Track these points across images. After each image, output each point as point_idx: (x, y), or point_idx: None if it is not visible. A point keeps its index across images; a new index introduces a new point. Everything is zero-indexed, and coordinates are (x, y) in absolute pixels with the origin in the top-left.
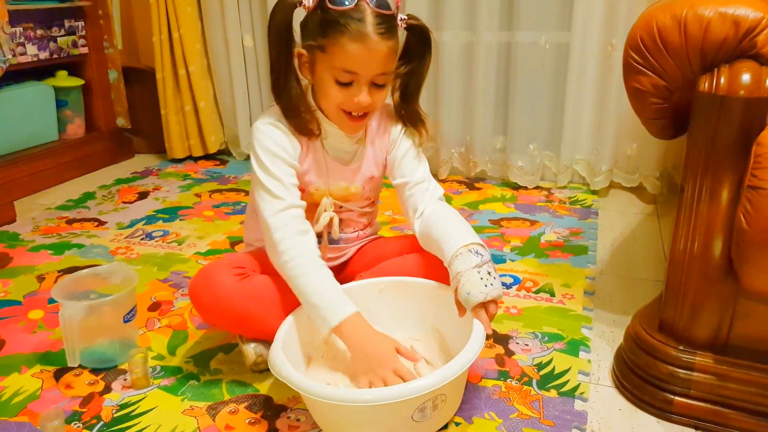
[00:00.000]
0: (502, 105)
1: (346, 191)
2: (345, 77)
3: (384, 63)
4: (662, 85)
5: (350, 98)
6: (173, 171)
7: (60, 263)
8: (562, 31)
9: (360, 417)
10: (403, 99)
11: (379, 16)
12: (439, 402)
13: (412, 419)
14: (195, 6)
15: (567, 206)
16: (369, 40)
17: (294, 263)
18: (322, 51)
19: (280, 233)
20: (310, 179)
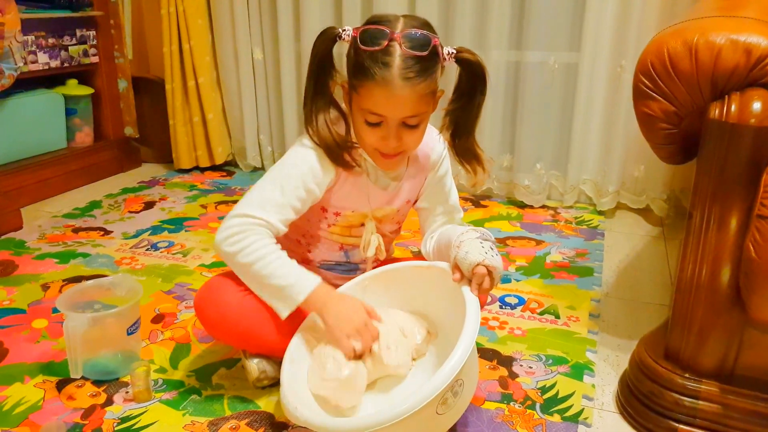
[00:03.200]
0: (509, 124)
1: (383, 213)
2: (373, 119)
3: (413, 107)
4: (672, 111)
5: (379, 139)
6: (180, 181)
7: (65, 272)
8: (571, 51)
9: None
10: (455, 135)
11: (411, 58)
12: (458, 388)
13: (437, 414)
14: (206, 18)
15: (573, 226)
16: (393, 86)
17: (249, 250)
18: (354, 91)
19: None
20: (348, 204)
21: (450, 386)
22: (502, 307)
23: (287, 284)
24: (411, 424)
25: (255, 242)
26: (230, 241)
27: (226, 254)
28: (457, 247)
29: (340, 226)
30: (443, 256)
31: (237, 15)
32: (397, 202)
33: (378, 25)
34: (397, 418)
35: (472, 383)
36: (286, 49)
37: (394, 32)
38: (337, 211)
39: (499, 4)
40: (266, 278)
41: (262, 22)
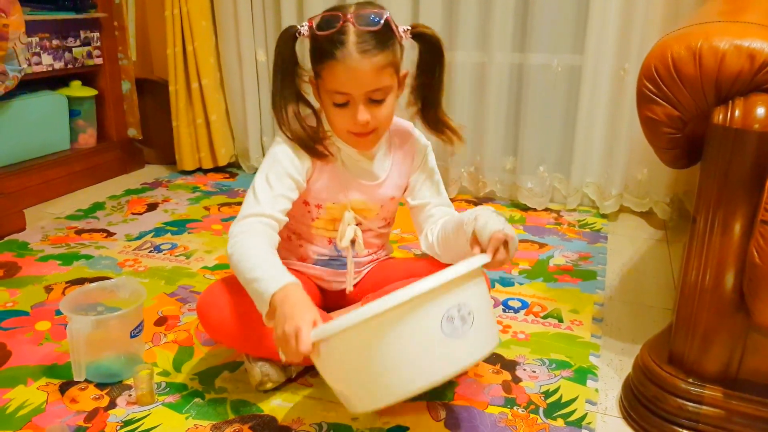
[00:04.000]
0: (512, 126)
1: (364, 206)
2: (339, 98)
3: (373, 79)
4: (676, 116)
5: (349, 118)
6: (183, 183)
7: (68, 274)
8: (574, 54)
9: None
10: (424, 109)
11: (364, 33)
12: (465, 314)
13: (443, 332)
14: (209, 20)
15: (576, 229)
16: (351, 59)
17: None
18: (319, 77)
19: (236, 230)
20: (327, 195)
21: (455, 304)
22: (505, 310)
23: (260, 277)
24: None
25: (247, 240)
26: (230, 244)
27: (228, 256)
28: (473, 221)
29: (324, 220)
30: (450, 243)
31: (240, 17)
32: (378, 198)
33: (329, 12)
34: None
35: (486, 323)
36: None
37: (346, 15)
38: (318, 203)
39: (503, 6)
40: (249, 270)
41: (265, 23)
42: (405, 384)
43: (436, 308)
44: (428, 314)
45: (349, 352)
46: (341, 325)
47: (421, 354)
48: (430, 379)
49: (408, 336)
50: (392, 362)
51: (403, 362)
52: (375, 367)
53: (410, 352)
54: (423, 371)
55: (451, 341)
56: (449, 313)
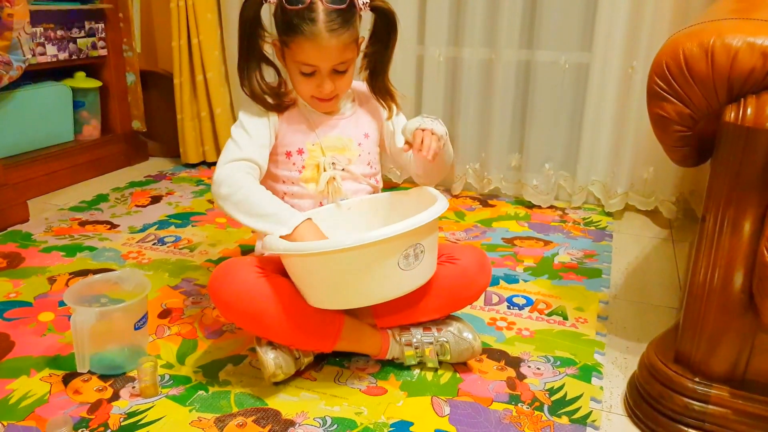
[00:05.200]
0: (518, 123)
1: (339, 141)
2: (307, 69)
3: (339, 54)
4: (687, 113)
5: (315, 87)
6: (187, 176)
7: (71, 265)
8: (582, 51)
9: (353, 265)
10: (372, 76)
11: (333, 12)
12: (419, 252)
13: (399, 267)
14: (215, 13)
15: (581, 227)
16: (321, 37)
17: (241, 190)
18: (286, 46)
19: (227, 174)
20: (302, 136)
21: (413, 244)
22: (509, 307)
23: (279, 212)
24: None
25: (244, 178)
26: (225, 184)
27: (222, 197)
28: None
29: (310, 168)
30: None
31: None
32: (352, 132)
33: None
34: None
35: (431, 261)
36: None
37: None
38: (298, 147)
39: (510, 3)
40: (262, 206)
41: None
42: (358, 299)
43: (397, 249)
44: (390, 253)
45: (318, 268)
46: (322, 247)
47: (378, 282)
48: (375, 299)
49: (369, 267)
50: (354, 284)
51: (363, 285)
52: (340, 285)
53: (370, 279)
54: (372, 293)
55: (403, 272)
56: (407, 251)
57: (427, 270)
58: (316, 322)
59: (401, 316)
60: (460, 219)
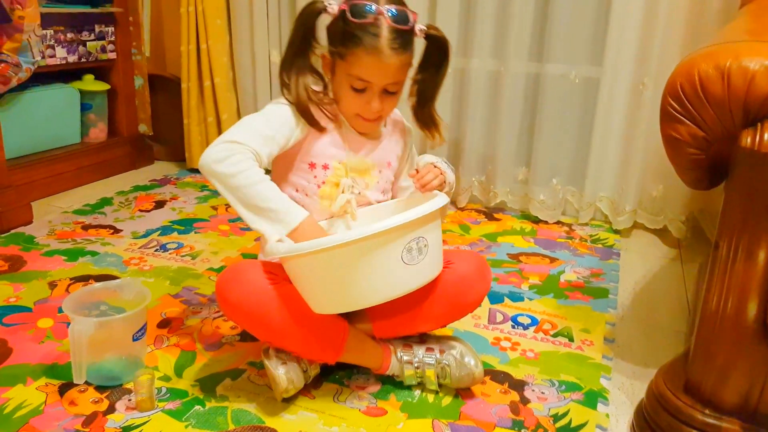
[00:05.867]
0: (526, 136)
1: (363, 164)
2: (359, 84)
3: (396, 74)
4: (701, 136)
5: (363, 104)
6: (191, 181)
7: (73, 270)
8: (592, 65)
9: (356, 261)
10: (419, 103)
11: (395, 31)
12: (422, 246)
13: (403, 261)
14: (225, 19)
15: (588, 244)
16: (383, 54)
17: (247, 173)
18: (341, 58)
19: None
20: (333, 152)
21: (415, 236)
22: (514, 326)
23: (283, 209)
24: (378, 253)
25: (251, 167)
26: (229, 161)
27: (222, 174)
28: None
29: (330, 184)
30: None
31: (256, 17)
32: (377, 157)
33: (364, 0)
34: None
35: (436, 257)
36: None
37: (380, 7)
38: (325, 163)
39: (520, 14)
40: (265, 201)
41: (280, 24)
42: (363, 299)
43: (399, 241)
44: (393, 246)
45: (320, 268)
46: (317, 245)
47: (382, 277)
48: (382, 297)
49: (372, 263)
50: (358, 282)
51: (367, 283)
52: (343, 284)
53: (374, 275)
54: (380, 291)
55: (408, 267)
56: (409, 245)
57: (433, 265)
58: (322, 330)
59: (399, 322)
60: (464, 232)
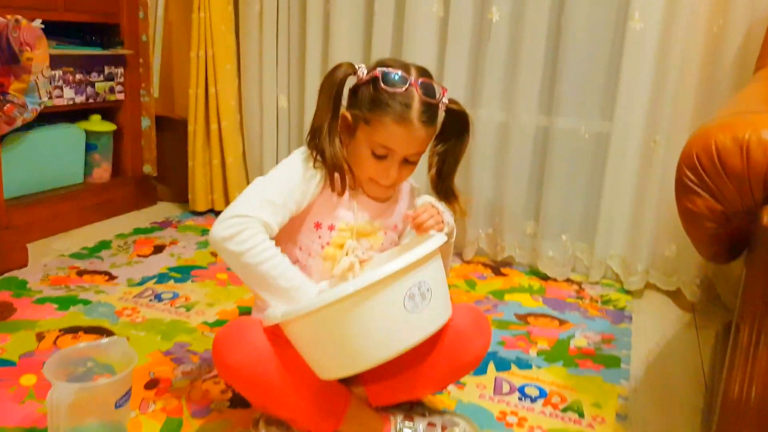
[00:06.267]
0: (535, 190)
1: (370, 226)
2: (381, 151)
3: (420, 145)
4: (719, 210)
5: (382, 170)
6: (193, 224)
7: (62, 320)
8: (603, 120)
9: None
10: (438, 176)
11: (425, 104)
12: (425, 290)
13: (405, 309)
14: (234, 63)
15: (599, 306)
16: (412, 125)
17: (255, 251)
18: (366, 123)
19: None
20: (338, 215)
21: (416, 281)
22: (521, 399)
23: (293, 286)
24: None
25: (262, 242)
26: (237, 240)
27: (230, 253)
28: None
29: (334, 245)
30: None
31: (265, 61)
32: (385, 220)
33: (397, 69)
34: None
35: (442, 301)
36: (311, 98)
37: (412, 78)
38: (332, 224)
39: (530, 66)
40: (274, 279)
41: (289, 70)
42: (370, 357)
43: (399, 288)
44: (393, 294)
45: (320, 329)
46: (314, 305)
47: (386, 330)
48: (391, 351)
49: (374, 315)
50: (362, 339)
51: (371, 338)
52: (347, 343)
53: (376, 329)
54: (386, 345)
55: (412, 316)
56: (411, 291)
57: (440, 310)
58: (323, 398)
59: (394, 386)
60: (470, 288)
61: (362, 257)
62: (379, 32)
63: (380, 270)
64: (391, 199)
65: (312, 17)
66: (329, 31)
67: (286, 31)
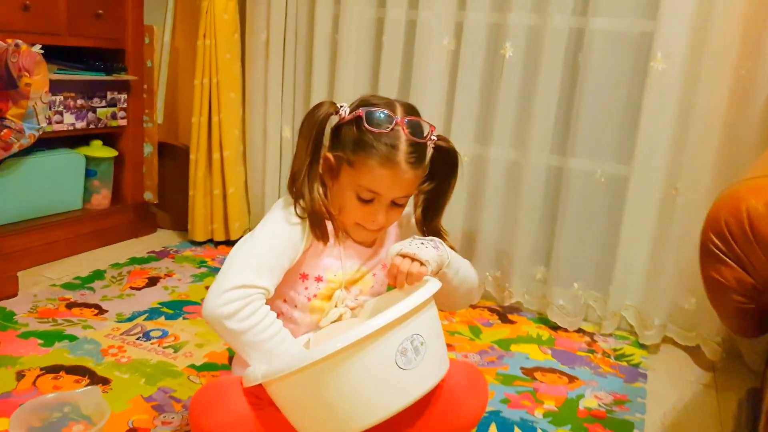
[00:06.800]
0: (546, 233)
1: (358, 273)
2: (367, 195)
3: (408, 187)
4: (748, 282)
5: (367, 214)
6: (191, 254)
7: (46, 358)
8: (620, 163)
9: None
10: (425, 216)
11: (413, 144)
12: (418, 344)
13: (398, 366)
14: (239, 92)
15: (611, 361)
16: (398, 167)
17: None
18: (350, 165)
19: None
20: (327, 262)
21: (408, 334)
22: None
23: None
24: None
25: (265, 318)
26: (239, 316)
27: (231, 331)
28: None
29: (321, 297)
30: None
31: (270, 91)
32: (372, 262)
33: (382, 108)
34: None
35: (438, 355)
36: None
37: (397, 117)
38: (319, 275)
39: (544, 104)
40: (274, 357)
41: (295, 100)
42: (359, 419)
43: (389, 343)
44: (382, 350)
45: (305, 389)
46: (298, 363)
47: (377, 389)
48: (386, 411)
49: (363, 374)
50: (352, 400)
51: (360, 399)
52: (336, 405)
53: (366, 389)
54: (377, 406)
55: (406, 373)
56: (403, 346)
57: (436, 364)
58: None
59: None
60: (475, 336)
61: (352, 305)
62: (387, 64)
63: (369, 323)
64: (379, 240)
65: (319, 47)
66: (336, 61)
67: (292, 61)
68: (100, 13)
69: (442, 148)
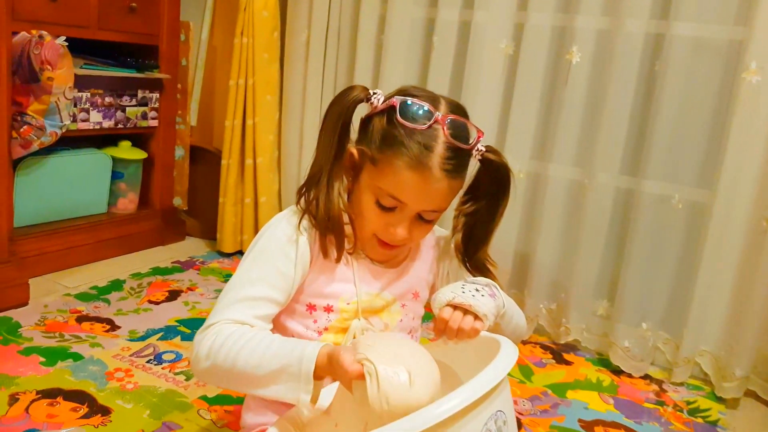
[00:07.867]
0: (610, 264)
1: (381, 300)
2: (388, 202)
3: (440, 201)
4: None
5: (387, 226)
6: (217, 266)
7: (45, 379)
8: (701, 188)
9: None
10: (466, 242)
11: (453, 148)
12: (501, 423)
13: None
14: (276, 95)
15: (684, 417)
16: (430, 174)
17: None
18: (372, 163)
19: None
20: (336, 291)
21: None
22: None
23: (288, 362)
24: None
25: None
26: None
27: (209, 372)
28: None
29: (334, 331)
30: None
31: (309, 95)
32: (398, 288)
33: (422, 101)
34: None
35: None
36: None
37: (438, 114)
38: (329, 304)
39: (614, 118)
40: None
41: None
42: None
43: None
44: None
45: None
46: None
47: None
48: None
49: None
50: None
51: None
52: None
53: None
54: None
55: None
56: (488, 426)
57: None
58: None
59: None
60: (526, 379)
61: None
62: (436, 68)
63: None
64: (407, 260)
65: (363, 49)
66: (381, 64)
67: (333, 63)
68: (134, 7)
69: (491, 162)
